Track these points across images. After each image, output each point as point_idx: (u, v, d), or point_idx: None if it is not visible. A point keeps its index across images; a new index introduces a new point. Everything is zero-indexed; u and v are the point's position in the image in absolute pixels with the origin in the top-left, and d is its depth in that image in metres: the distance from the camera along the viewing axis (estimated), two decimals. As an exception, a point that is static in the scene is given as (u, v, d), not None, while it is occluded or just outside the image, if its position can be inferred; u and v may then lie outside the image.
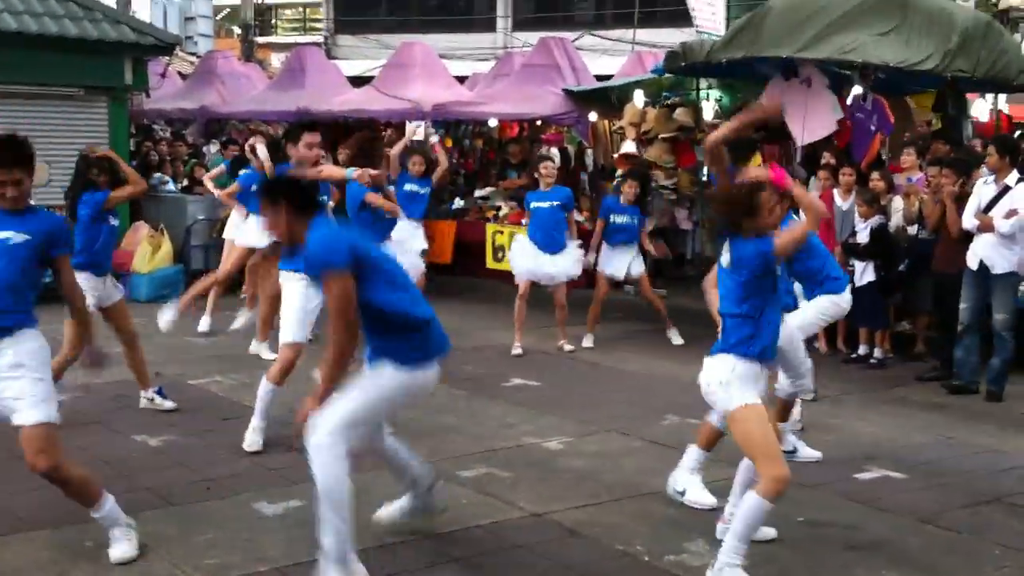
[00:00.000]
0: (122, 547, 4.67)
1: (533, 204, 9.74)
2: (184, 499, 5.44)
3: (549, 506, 5.43)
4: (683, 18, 16.39)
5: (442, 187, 14.98)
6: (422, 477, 4.95)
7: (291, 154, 7.04)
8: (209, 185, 11.42)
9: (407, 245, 9.59)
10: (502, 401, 7.77)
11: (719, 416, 5.25)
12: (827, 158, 10.20)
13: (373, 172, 7.51)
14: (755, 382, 4.59)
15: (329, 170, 7.36)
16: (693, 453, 5.55)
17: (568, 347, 9.69)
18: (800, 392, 6.15)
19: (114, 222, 7.21)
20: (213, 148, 15.52)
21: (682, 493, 5.50)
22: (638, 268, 10.12)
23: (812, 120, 9.91)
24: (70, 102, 12.19)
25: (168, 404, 7.23)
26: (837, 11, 9.35)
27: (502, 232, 12.87)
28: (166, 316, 7.77)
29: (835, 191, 9.60)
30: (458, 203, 14.46)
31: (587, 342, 9.89)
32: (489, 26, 29.60)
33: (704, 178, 12.30)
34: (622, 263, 10.01)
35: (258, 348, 9.06)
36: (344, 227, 4.79)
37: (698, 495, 5.47)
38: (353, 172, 7.24)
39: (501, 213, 13.40)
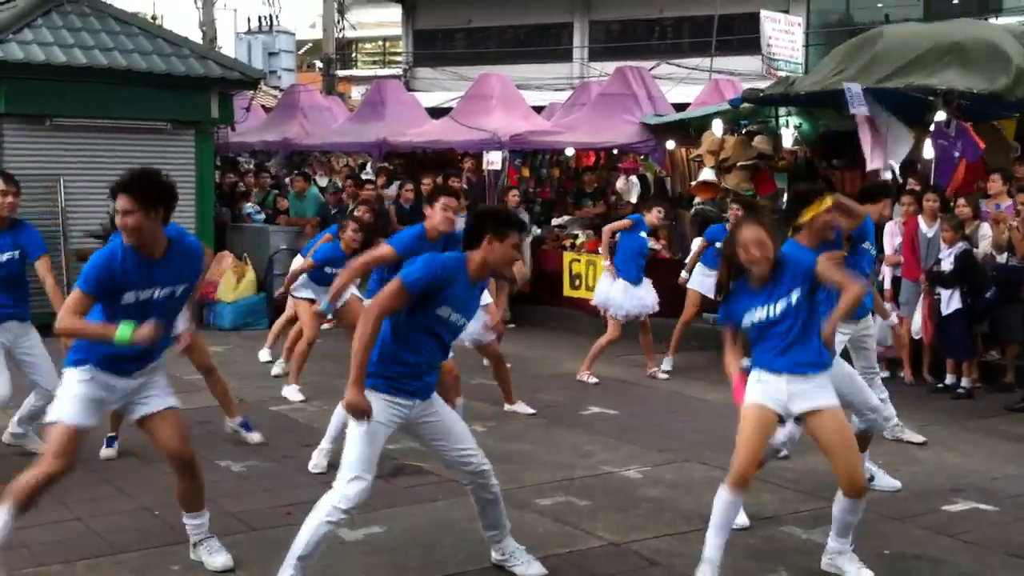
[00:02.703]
0: (222, 557, 4.82)
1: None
2: (266, 524, 5.51)
3: (628, 535, 5.39)
4: (759, 45, 16.34)
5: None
6: None
7: (427, 215, 6.71)
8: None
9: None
10: (580, 429, 7.75)
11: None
12: (912, 184, 10.05)
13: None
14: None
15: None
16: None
17: (663, 374, 9.80)
18: (872, 427, 5.98)
19: None
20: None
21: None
22: None
23: (889, 146, 9.95)
24: (158, 135, 12.49)
25: (254, 437, 7.16)
26: (912, 52, 9.69)
27: (579, 260, 12.88)
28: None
29: (920, 217, 9.44)
30: (535, 232, 14.51)
31: (667, 365, 9.89)
32: (566, 56, 29.78)
33: (783, 206, 12.19)
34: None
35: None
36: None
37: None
38: None
39: (578, 241, 13.41)
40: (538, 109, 16.62)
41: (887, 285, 9.65)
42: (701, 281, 10.06)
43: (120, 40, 12.62)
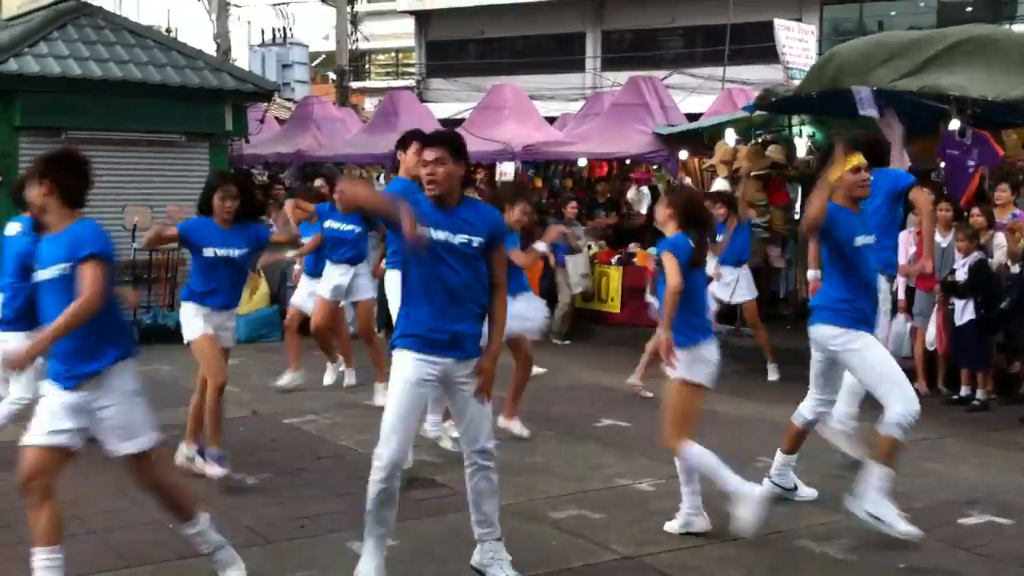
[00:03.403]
0: (235, 572, 4.80)
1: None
2: (280, 536, 5.52)
3: (642, 548, 5.38)
4: (773, 54, 16.31)
5: (532, 227, 15.08)
6: None
7: (400, 160, 6.76)
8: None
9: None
10: (592, 442, 7.74)
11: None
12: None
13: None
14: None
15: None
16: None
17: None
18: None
19: None
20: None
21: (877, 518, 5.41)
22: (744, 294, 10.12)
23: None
24: (172, 148, 12.57)
25: (209, 470, 6.45)
26: (928, 50, 9.26)
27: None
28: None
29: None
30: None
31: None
32: (578, 66, 29.80)
33: (796, 216, 12.19)
34: (728, 287, 10.04)
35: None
36: None
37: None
38: None
39: (591, 252, 13.41)
40: (551, 120, 16.65)
41: (901, 295, 9.61)
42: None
43: (135, 53, 12.71)
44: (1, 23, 14.07)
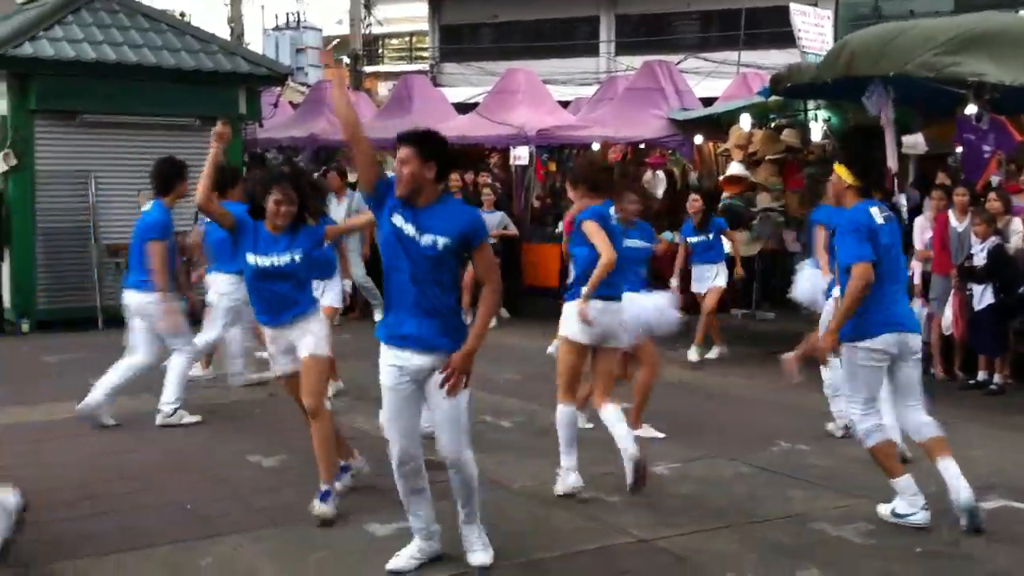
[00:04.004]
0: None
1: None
2: (297, 519, 5.53)
3: (657, 532, 5.38)
4: (788, 39, 16.21)
5: (545, 210, 15.08)
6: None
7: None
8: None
9: None
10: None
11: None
12: (941, 179, 9.96)
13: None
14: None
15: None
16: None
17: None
18: None
19: None
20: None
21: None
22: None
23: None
24: (187, 131, 12.57)
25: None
26: (946, 36, 9.15)
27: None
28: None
29: (950, 212, 9.36)
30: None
31: (713, 353, 10.50)
32: (592, 51, 29.69)
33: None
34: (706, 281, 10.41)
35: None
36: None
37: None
38: None
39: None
40: (564, 104, 16.59)
41: (916, 280, 9.57)
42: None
43: (149, 37, 12.71)
44: (16, 7, 14.08)
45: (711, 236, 10.27)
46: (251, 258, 5.49)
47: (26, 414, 7.90)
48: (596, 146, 15.05)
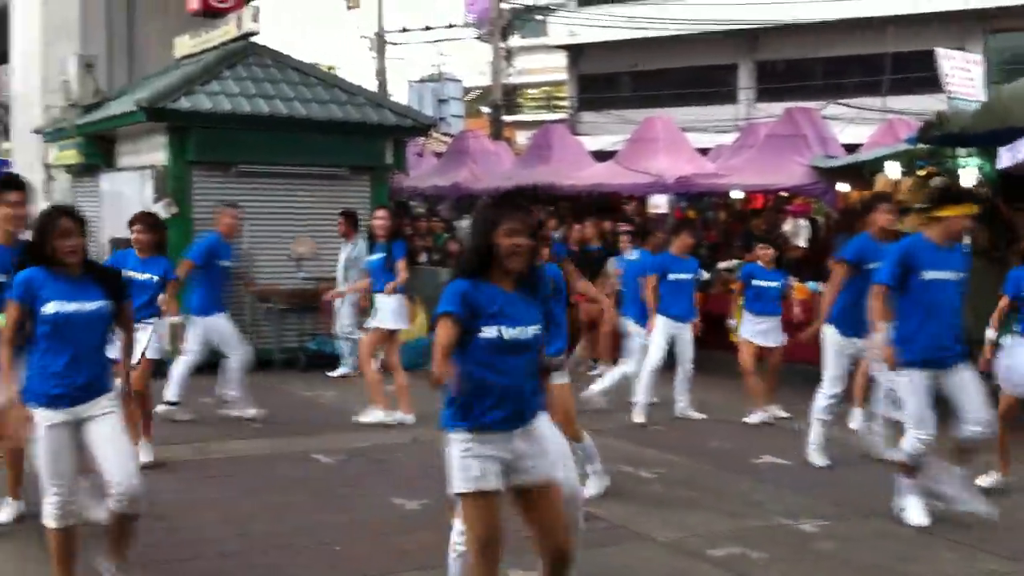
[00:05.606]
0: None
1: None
2: (439, 562, 5.58)
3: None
4: (933, 83, 15.80)
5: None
6: None
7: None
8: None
9: None
10: (748, 477, 7.61)
11: None
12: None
13: None
14: None
15: None
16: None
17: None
18: None
19: None
20: (465, 223, 16.16)
21: None
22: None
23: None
24: (337, 181, 12.95)
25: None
26: None
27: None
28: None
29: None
30: (703, 275, 14.39)
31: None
32: (731, 98, 29.53)
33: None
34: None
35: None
36: None
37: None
38: None
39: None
40: (704, 151, 16.53)
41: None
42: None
43: (299, 90, 13.18)
44: (174, 63, 14.78)
45: None
46: None
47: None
48: (738, 194, 14.95)
